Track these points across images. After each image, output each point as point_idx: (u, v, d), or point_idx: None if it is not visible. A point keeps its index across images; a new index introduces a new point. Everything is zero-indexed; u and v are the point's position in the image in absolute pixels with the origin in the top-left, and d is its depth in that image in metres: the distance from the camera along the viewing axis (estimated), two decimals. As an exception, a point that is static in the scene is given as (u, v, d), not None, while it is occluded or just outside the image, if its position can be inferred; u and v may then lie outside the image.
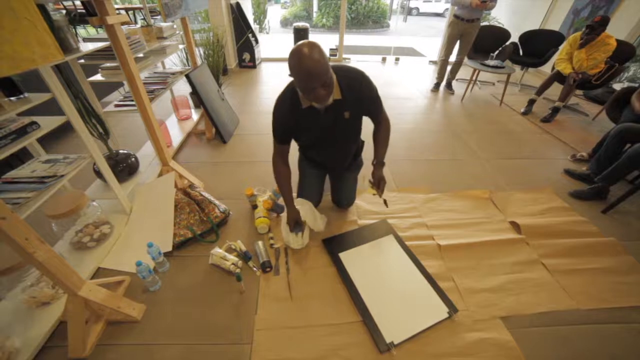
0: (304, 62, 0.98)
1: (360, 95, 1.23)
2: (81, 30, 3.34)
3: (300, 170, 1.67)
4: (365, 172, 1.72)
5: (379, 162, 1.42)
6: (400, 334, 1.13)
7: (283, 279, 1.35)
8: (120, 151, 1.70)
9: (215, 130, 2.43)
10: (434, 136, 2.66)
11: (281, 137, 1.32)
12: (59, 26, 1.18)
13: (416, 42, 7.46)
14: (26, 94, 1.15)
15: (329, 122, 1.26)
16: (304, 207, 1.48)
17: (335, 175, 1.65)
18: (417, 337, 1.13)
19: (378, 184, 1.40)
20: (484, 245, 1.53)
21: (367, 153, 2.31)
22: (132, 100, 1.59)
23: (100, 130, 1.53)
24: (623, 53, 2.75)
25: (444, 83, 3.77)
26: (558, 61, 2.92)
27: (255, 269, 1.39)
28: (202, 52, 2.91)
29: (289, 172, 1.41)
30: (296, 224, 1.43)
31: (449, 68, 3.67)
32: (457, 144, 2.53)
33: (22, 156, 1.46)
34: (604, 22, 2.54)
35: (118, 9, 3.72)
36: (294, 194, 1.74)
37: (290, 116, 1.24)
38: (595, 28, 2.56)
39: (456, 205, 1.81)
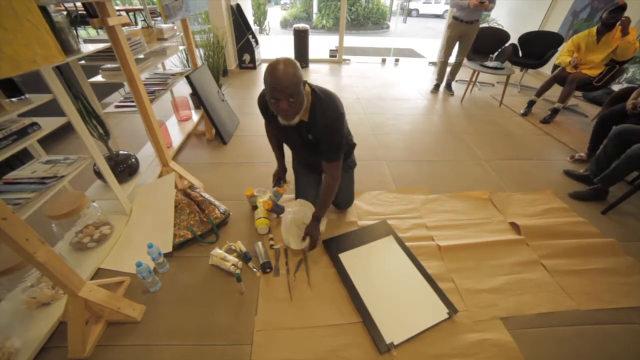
0: (275, 70, 1.00)
1: (322, 133, 1.19)
2: (81, 32, 3.34)
3: (295, 172, 1.68)
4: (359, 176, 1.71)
5: (313, 217, 1.38)
6: (400, 334, 1.13)
7: (283, 280, 1.35)
8: (121, 152, 1.70)
9: (215, 131, 2.43)
10: (434, 137, 2.67)
11: (265, 120, 1.41)
12: (60, 27, 1.19)
13: (416, 43, 7.48)
14: (27, 95, 1.16)
15: (295, 136, 1.29)
16: (304, 208, 1.49)
17: None
18: (417, 337, 1.13)
19: (307, 237, 1.38)
20: (484, 246, 1.53)
21: (364, 153, 2.30)
22: (133, 101, 1.60)
23: (101, 131, 1.53)
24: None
25: (443, 84, 3.78)
26: (559, 56, 2.92)
27: (255, 269, 1.39)
28: (202, 53, 2.92)
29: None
30: (278, 179, 1.48)
31: (448, 69, 3.68)
32: (457, 145, 2.53)
33: (22, 157, 1.46)
34: (625, 8, 2.47)
35: (119, 10, 3.73)
36: (293, 195, 1.74)
37: (264, 111, 1.32)
38: (624, 9, 2.46)
39: (456, 206, 1.82)
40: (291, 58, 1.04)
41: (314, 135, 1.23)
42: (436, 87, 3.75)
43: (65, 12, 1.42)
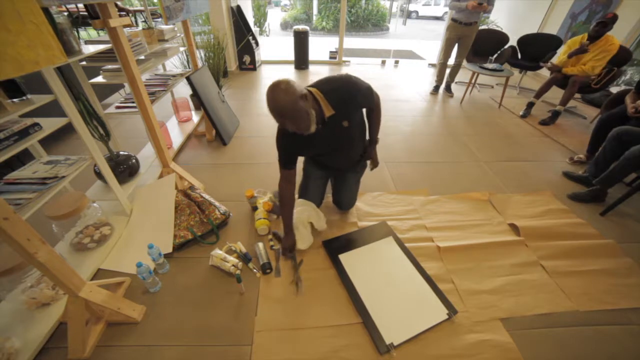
0: (269, 102, 1.07)
1: (352, 102, 1.27)
2: (82, 33, 3.35)
3: (305, 172, 1.66)
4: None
5: (371, 141, 1.58)
6: (400, 335, 1.13)
7: (283, 280, 1.36)
8: (121, 153, 1.70)
9: (216, 132, 2.44)
10: (433, 139, 2.68)
11: (287, 162, 1.34)
12: (62, 29, 1.20)
13: (415, 45, 7.50)
14: (28, 96, 1.16)
15: (330, 135, 1.30)
16: (307, 208, 1.49)
17: (339, 176, 1.65)
18: (417, 338, 1.13)
19: (372, 161, 1.60)
20: (483, 247, 1.53)
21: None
22: (133, 102, 1.61)
23: (102, 131, 1.54)
24: (620, 57, 2.78)
25: (443, 86, 3.79)
26: (559, 57, 2.95)
27: (255, 270, 1.39)
28: (202, 54, 2.92)
29: (294, 199, 1.43)
30: (290, 251, 1.44)
31: (447, 71, 3.69)
32: (456, 147, 2.54)
33: (23, 157, 1.46)
34: (615, 20, 2.58)
35: (121, 11, 3.73)
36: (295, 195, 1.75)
37: (292, 140, 1.27)
38: (607, 24, 2.59)
39: (455, 208, 1.82)
40: (283, 81, 1.06)
41: (348, 117, 1.30)
42: (436, 89, 3.77)
43: (66, 13, 1.43)
